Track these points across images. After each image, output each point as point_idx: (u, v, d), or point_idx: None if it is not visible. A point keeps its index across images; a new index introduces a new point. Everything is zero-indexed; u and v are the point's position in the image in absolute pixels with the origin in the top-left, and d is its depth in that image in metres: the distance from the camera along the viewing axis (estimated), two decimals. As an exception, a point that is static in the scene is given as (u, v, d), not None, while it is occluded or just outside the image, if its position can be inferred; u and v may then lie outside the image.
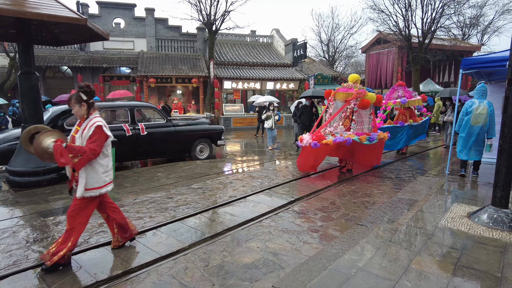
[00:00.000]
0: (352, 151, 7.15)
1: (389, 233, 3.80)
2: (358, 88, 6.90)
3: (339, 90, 7.04)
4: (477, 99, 6.23)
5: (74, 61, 18.72)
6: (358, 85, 7.05)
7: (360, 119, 7.20)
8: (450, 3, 18.65)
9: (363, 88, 7.01)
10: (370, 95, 6.85)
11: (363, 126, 7.24)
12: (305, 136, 6.60)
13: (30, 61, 5.82)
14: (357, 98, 6.72)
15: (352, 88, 6.89)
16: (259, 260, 3.20)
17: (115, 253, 3.35)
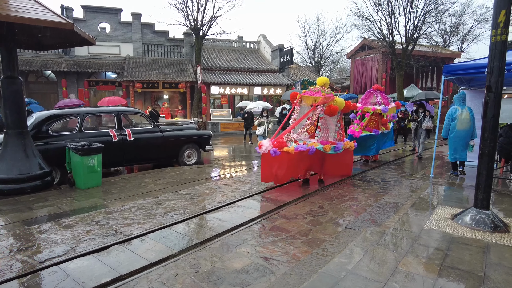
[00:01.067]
0: (320, 161, 6.48)
1: (377, 236, 3.87)
2: (326, 92, 6.35)
3: (306, 93, 6.51)
4: (459, 105, 6.84)
5: (58, 66, 18.39)
6: (326, 89, 6.52)
7: (326, 127, 6.64)
8: (431, 12, 19.25)
9: (332, 92, 6.48)
10: (338, 101, 6.31)
11: (329, 134, 6.67)
12: (265, 142, 5.78)
13: (13, 65, 5.71)
14: (324, 103, 6.15)
15: (320, 92, 6.33)
16: (250, 265, 3.20)
17: (103, 261, 3.29)
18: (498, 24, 3.95)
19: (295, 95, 6.69)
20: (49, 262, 3.26)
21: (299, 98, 6.56)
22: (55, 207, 5.06)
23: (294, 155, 5.71)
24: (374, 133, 8.45)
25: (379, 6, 20.14)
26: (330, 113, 6.20)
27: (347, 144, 6.78)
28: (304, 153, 5.86)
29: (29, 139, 5.98)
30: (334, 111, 6.15)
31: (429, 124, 9.42)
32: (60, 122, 7.00)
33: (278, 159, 5.66)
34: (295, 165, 5.99)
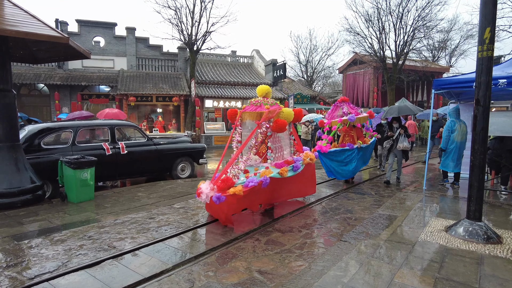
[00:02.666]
0: (279, 187, 5.41)
1: (372, 248, 3.87)
2: (270, 104, 5.39)
3: (247, 109, 5.47)
4: (456, 119, 7.29)
5: (52, 79, 18.34)
6: (269, 99, 5.54)
7: (278, 144, 5.65)
8: (420, 28, 19.81)
9: (276, 103, 5.55)
10: (286, 113, 5.36)
11: (283, 152, 5.77)
12: (203, 185, 4.64)
13: (6, 78, 5.69)
14: (270, 119, 5.17)
15: (262, 105, 5.37)
16: (246, 279, 3.17)
17: (96, 276, 3.23)
18: (484, 41, 4.08)
19: (234, 113, 5.61)
20: (39, 278, 3.19)
21: (240, 116, 5.50)
22: (46, 221, 4.97)
23: (244, 195, 4.58)
24: (348, 147, 7.54)
25: (369, 22, 20.71)
26: (278, 129, 5.13)
27: (306, 158, 5.87)
28: (257, 188, 4.73)
29: (20, 153, 5.91)
30: (283, 126, 5.12)
31: (405, 144, 7.58)
32: (52, 135, 6.95)
33: (226, 204, 4.51)
34: (249, 203, 4.96)
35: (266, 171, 4.98)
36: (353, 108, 8.06)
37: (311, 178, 6.28)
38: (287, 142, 5.94)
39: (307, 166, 5.92)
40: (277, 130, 5.18)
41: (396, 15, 19.81)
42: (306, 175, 5.97)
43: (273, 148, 5.50)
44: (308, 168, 6.00)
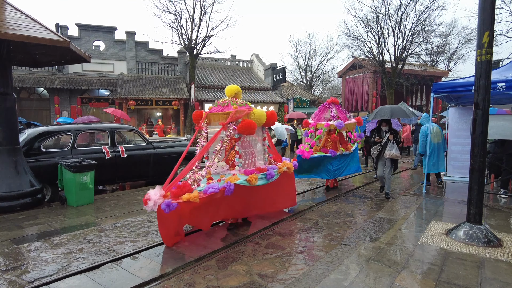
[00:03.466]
0: (248, 197, 4.85)
1: (372, 251, 3.87)
2: (239, 104, 4.84)
3: (213, 110, 4.93)
4: (427, 123, 7.95)
5: (52, 83, 18.37)
6: (239, 100, 4.98)
7: (249, 150, 5.06)
8: (418, 32, 19.91)
9: (247, 103, 5.00)
10: (257, 114, 4.81)
11: (255, 159, 5.19)
12: (152, 191, 3.88)
13: (7, 82, 5.71)
14: (237, 119, 4.64)
15: (230, 105, 4.80)
16: (246, 282, 3.16)
17: (96, 280, 3.22)
18: (482, 45, 4.11)
19: (199, 115, 5.03)
20: (38, 282, 3.17)
21: (205, 117, 4.90)
22: (46, 225, 4.96)
23: (201, 203, 4.01)
24: (331, 154, 7.04)
25: (368, 27, 20.80)
26: (246, 130, 4.53)
27: (282, 167, 5.31)
28: (217, 195, 4.14)
29: (20, 156, 5.91)
30: (251, 127, 4.54)
31: (394, 152, 6.41)
32: (52, 139, 6.94)
33: (179, 213, 3.89)
34: (209, 213, 4.34)
35: (231, 177, 4.36)
36: (342, 112, 7.52)
37: (290, 189, 5.74)
38: (260, 148, 5.33)
39: (284, 175, 5.38)
40: (244, 132, 4.55)
41: (395, 19, 19.92)
42: (283, 185, 5.45)
43: (242, 153, 4.88)
44: (286, 178, 5.47)
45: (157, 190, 3.90)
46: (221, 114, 4.78)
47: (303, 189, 7.57)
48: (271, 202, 5.38)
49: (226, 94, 5.05)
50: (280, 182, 5.31)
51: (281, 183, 5.35)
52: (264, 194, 5.15)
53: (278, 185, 5.32)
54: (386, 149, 6.48)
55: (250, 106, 4.99)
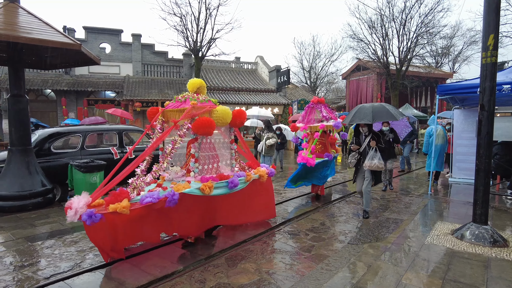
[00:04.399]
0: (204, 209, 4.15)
1: (379, 250, 3.93)
2: (200, 100, 4.19)
3: (170, 105, 4.32)
4: (432, 125, 8.14)
5: (59, 85, 18.58)
6: (201, 96, 4.33)
7: (210, 153, 4.42)
8: (423, 34, 19.91)
9: (210, 100, 4.36)
10: (220, 112, 4.13)
11: (217, 164, 4.51)
12: (75, 199, 3.23)
13: (20, 84, 5.84)
14: (193, 117, 4.00)
15: (188, 101, 4.15)
16: (256, 280, 3.24)
17: (109, 276, 3.31)
18: (487, 47, 4.17)
19: (154, 112, 4.40)
20: (54, 277, 3.27)
21: (159, 114, 4.27)
22: (57, 223, 5.07)
23: (137, 215, 3.38)
24: (327, 158, 6.62)
25: (373, 29, 20.83)
26: (201, 130, 3.86)
27: (250, 176, 4.63)
28: (157, 207, 3.46)
29: (32, 156, 6.03)
30: (207, 126, 3.86)
31: (376, 162, 5.08)
32: (62, 140, 7.07)
33: (109, 226, 3.26)
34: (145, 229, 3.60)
35: (180, 185, 3.72)
36: (331, 112, 6.93)
37: (266, 199, 5.12)
38: (226, 152, 4.68)
39: (257, 184, 4.80)
40: (200, 131, 3.87)
41: (400, 21, 19.94)
42: (256, 195, 4.86)
43: (200, 157, 4.23)
44: (259, 187, 4.88)
45: (82, 197, 3.26)
46: (177, 111, 4.12)
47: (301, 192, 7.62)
48: (240, 214, 4.72)
49: (188, 88, 4.40)
50: (251, 192, 4.69)
51: (253, 192, 4.74)
52: (229, 205, 4.49)
53: (249, 195, 4.68)
54: (367, 158, 5.17)
55: (214, 103, 4.37)
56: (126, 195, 3.43)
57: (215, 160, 4.48)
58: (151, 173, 3.79)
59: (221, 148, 4.65)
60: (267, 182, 5.06)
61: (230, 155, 4.74)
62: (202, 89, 4.46)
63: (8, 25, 5.12)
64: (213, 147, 4.49)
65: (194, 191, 3.79)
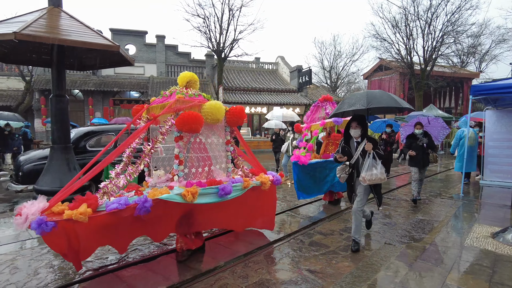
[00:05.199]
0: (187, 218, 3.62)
1: (418, 251, 3.90)
2: (189, 95, 3.74)
3: (156, 101, 3.86)
4: (464, 127, 8.30)
5: (86, 85, 19.21)
6: (191, 90, 3.87)
7: (201, 155, 3.84)
8: (449, 33, 19.41)
9: (200, 94, 3.90)
10: (209, 107, 3.60)
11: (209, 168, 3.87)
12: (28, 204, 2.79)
13: (62, 85, 6.09)
14: (177, 111, 3.49)
15: (174, 95, 3.71)
16: (297, 277, 3.29)
17: (155, 270, 3.44)
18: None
19: (138, 110, 3.95)
20: (104, 269, 3.43)
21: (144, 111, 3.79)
22: (98, 219, 5.26)
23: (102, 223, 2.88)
24: (332, 158, 5.69)
25: (396, 28, 20.50)
26: (186, 126, 3.38)
27: (249, 182, 4.03)
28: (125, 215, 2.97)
29: (71, 154, 6.28)
30: (193, 122, 3.36)
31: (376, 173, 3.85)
32: (96, 138, 7.34)
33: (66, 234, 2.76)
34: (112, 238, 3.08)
35: (156, 190, 3.23)
36: None
37: (266, 209, 4.56)
38: (221, 154, 4.06)
39: (256, 192, 4.21)
40: (184, 127, 3.38)
41: (425, 20, 19.55)
42: (254, 203, 4.28)
43: (187, 158, 3.69)
44: (259, 194, 4.29)
45: (38, 201, 2.82)
46: (162, 106, 3.64)
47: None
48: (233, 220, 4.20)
49: (178, 82, 3.98)
50: (249, 198, 4.12)
51: (251, 199, 4.18)
52: (221, 211, 3.92)
53: (246, 202, 4.13)
54: (364, 169, 3.87)
55: (206, 98, 3.92)
56: (93, 200, 2.92)
57: (206, 162, 3.84)
58: (124, 175, 3.31)
59: (215, 150, 4.00)
60: (270, 190, 4.43)
61: (225, 158, 4.10)
62: (193, 83, 3.99)
63: (53, 28, 5.37)
64: (205, 148, 3.87)
65: (174, 198, 3.23)
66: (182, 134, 3.53)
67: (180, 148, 3.53)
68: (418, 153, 6.28)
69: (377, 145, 3.98)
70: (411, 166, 6.55)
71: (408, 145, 6.51)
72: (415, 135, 6.47)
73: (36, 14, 5.41)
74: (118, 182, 3.24)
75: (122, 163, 3.54)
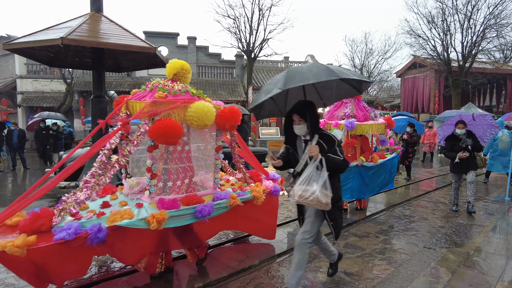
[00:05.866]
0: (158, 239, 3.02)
1: (461, 257, 3.72)
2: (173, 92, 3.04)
3: (136, 95, 3.19)
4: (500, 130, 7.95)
5: (121, 86, 19.96)
6: (178, 85, 3.17)
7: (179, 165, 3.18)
8: (492, 26, 18.33)
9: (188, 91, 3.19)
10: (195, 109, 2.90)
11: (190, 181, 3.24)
12: None
13: (101, 86, 6.38)
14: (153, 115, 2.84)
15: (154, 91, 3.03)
16: (333, 279, 3.24)
17: (191, 267, 3.51)
18: None
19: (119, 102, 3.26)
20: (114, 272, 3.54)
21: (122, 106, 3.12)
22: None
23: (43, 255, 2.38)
24: None
25: (432, 23, 19.66)
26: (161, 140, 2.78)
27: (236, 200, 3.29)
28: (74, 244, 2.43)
29: (110, 152, 6.56)
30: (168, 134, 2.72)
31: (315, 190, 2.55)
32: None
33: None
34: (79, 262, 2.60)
35: (116, 214, 2.64)
36: (362, 109, 5.51)
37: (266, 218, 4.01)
38: (208, 163, 3.45)
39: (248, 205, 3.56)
40: (159, 139, 2.76)
41: (464, 14, 18.58)
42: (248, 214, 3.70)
43: (164, 170, 3.11)
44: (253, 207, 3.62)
45: None
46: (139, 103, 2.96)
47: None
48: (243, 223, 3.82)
49: (167, 73, 3.32)
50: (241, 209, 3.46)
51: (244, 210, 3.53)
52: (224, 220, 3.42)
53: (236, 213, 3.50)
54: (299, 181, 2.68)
55: (195, 95, 3.21)
56: (47, 219, 2.47)
57: (187, 174, 3.20)
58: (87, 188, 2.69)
59: (199, 157, 3.39)
60: (268, 201, 3.76)
61: (212, 167, 3.42)
62: (183, 76, 3.28)
63: (95, 33, 5.63)
64: (188, 156, 3.23)
65: (136, 224, 2.64)
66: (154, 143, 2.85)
67: (153, 160, 2.90)
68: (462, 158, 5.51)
69: (333, 146, 2.72)
70: (453, 173, 5.82)
71: (450, 147, 5.67)
72: (457, 136, 5.60)
73: (79, 20, 5.69)
74: (79, 196, 2.66)
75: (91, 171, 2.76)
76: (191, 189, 3.24)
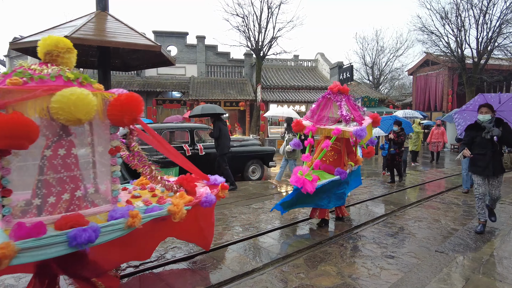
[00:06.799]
0: None
1: (475, 262, 3.54)
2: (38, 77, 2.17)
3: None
4: None
5: (131, 86, 20.10)
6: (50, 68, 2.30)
7: (57, 175, 2.31)
8: (509, 21, 17.76)
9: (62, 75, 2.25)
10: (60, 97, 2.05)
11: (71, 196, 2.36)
12: None
13: (107, 85, 6.36)
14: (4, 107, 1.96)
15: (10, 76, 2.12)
16: (339, 284, 3.11)
17: (193, 269, 3.43)
18: None
19: None
20: (143, 266, 3.48)
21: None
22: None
23: None
24: (338, 174, 4.55)
25: (446, 19, 19.19)
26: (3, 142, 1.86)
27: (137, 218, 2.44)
28: None
29: (116, 152, 6.55)
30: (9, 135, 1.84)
31: None
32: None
33: None
34: None
35: None
36: (355, 108, 4.74)
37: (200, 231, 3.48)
38: (101, 170, 2.68)
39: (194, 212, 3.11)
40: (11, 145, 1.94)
41: (479, 9, 18.05)
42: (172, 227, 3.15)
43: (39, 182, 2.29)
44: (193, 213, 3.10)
45: None
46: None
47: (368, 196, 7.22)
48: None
49: (40, 49, 2.42)
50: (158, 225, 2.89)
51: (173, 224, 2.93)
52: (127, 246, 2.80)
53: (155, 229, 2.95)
54: None
55: (72, 80, 2.28)
56: None
57: (67, 187, 2.35)
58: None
59: (89, 166, 2.62)
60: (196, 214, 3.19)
61: (109, 175, 2.60)
62: (58, 55, 2.41)
63: (100, 31, 5.61)
64: (75, 162, 2.43)
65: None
66: None
67: (1, 170, 2.06)
68: (486, 153, 4.19)
69: None
70: (474, 174, 4.49)
71: (469, 140, 4.34)
72: (480, 124, 4.27)
73: (85, 18, 5.68)
74: None
75: None
76: (72, 206, 2.36)
